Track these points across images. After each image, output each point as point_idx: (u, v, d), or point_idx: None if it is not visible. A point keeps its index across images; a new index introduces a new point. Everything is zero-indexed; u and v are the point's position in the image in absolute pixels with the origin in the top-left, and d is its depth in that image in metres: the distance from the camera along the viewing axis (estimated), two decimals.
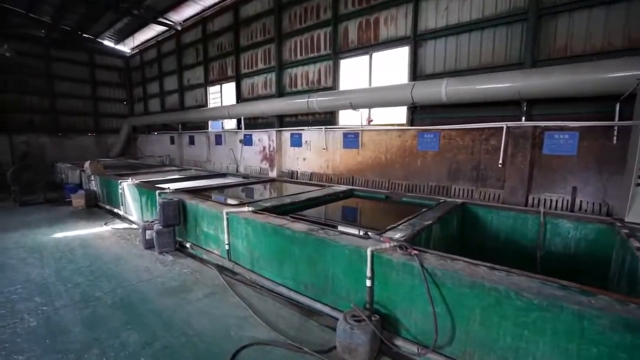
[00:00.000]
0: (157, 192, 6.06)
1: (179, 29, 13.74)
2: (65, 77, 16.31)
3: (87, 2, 11.50)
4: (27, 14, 13.61)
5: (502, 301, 2.34)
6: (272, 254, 4.12)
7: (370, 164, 8.11)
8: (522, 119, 5.92)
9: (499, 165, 6.14)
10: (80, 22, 13.14)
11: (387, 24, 7.66)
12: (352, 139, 8.38)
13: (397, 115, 7.81)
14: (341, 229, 4.04)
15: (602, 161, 5.27)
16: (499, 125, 6.08)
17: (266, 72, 10.69)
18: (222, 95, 12.81)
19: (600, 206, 5.34)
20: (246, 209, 4.66)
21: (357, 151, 8.32)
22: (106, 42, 16.58)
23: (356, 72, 8.48)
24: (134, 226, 7.29)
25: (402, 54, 7.52)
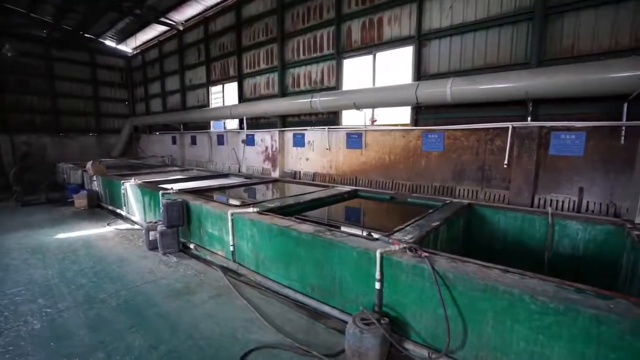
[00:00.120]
0: (161, 193, 6.02)
1: (181, 28, 13.72)
2: (66, 77, 16.29)
3: (89, 2, 11.46)
4: (28, 13, 13.57)
5: (516, 305, 2.30)
6: (277, 256, 4.08)
7: (374, 164, 8.07)
8: (528, 119, 5.88)
9: (505, 165, 6.10)
10: (81, 22, 13.09)
11: (391, 24, 7.62)
12: (355, 139, 8.34)
13: (401, 115, 7.77)
14: (347, 230, 4.00)
15: (609, 161, 5.22)
16: (505, 125, 6.04)
17: (269, 72, 10.64)
18: (224, 95, 12.77)
19: (607, 207, 5.29)
20: (251, 209, 4.62)
21: (361, 151, 8.27)
22: (108, 42, 16.55)
23: (360, 72, 8.44)
24: (137, 227, 7.26)
25: (406, 54, 7.47)
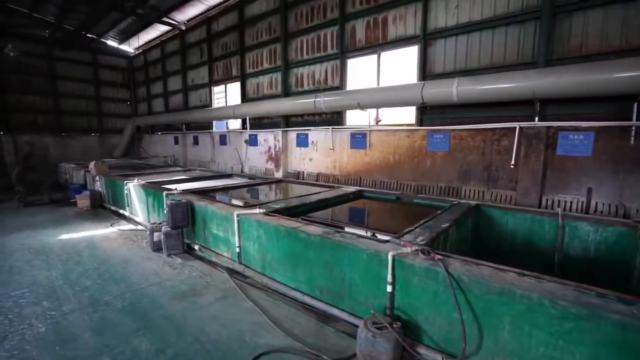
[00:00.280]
0: (165, 194, 5.96)
1: (183, 28, 13.68)
2: (68, 77, 16.28)
3: (91, 2, 11.43)
4: (31, 13, 13.56)
5: (535, 309, 2.24)
6: (285, 257, 4.02)
7: (378, 164, 8.01)
8: (536, 119, 5.82)
9: (511, 166, 6.04)
10: (84, 22, 13.06)
11: (396, 23, 7.57)
12: (359, 139, 8.29)
13: (406, 115, 7.71)
14: (354, 231, 3.94)
15: (618, 162, 5.17)
16: (512, 125, 5.98)
17: (272, 72, 10.59)
18: (226, 95, 12.73)
19: (616, 208, 5.23)
20: (257, 210, 4.56)
21: (365, 152, 8.22)
22: (110, 42, 16.52)
23: (364, 72, 8.38)
24: (140, 227, 7.21)
25: (411, 54, 7.42)
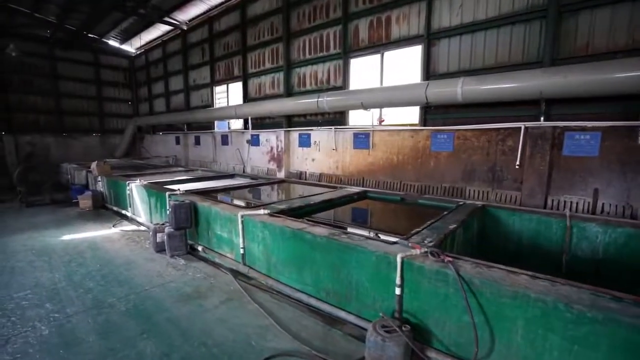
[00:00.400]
0: (168, 194, 5.93)
1: (185, 28, 13.64)
2: (70, 77, 16.26)
3: (92, 2, 11.40)
4: (32, 13, 13.53)
5: (549, 313, 2.19)
6: (290, 259, 3.98)
7: (381, 164, 7.97)
8: (541, 119, 5.78)
9: (516, 166, 5.99)
10: (85, 22, 13.03)
11: (400, 23, 7.52)
12: (362, 140, 8.24)
13: (410, 115, 7.67)
14: (360, 232, 3.90)
15: (626, 162, 5.12)
16: (517, 125, 5.93)
17: (274, 72, 10.55)
18: (228, 95, 12.69)
19: (624, 209, 5.18)
20: (262, 211, 4.52)
21: (368, 152, 8.17)
22: (111, 42, 16.50)
23: (367, 72, 8.34)
24: (143, 228, 7.17)
25: (414, 53, 7.37)
